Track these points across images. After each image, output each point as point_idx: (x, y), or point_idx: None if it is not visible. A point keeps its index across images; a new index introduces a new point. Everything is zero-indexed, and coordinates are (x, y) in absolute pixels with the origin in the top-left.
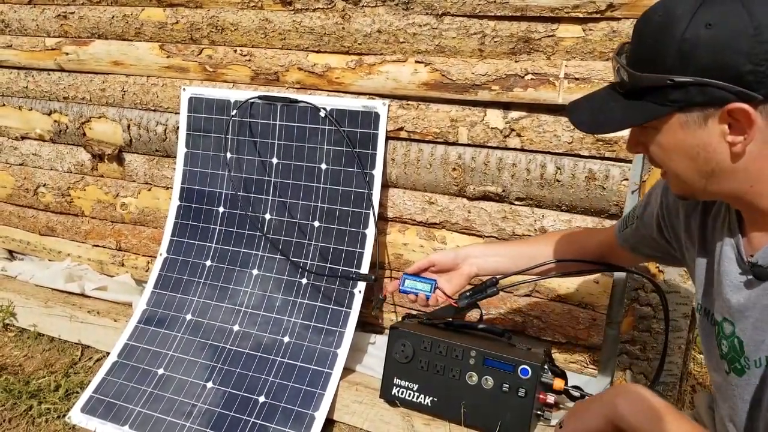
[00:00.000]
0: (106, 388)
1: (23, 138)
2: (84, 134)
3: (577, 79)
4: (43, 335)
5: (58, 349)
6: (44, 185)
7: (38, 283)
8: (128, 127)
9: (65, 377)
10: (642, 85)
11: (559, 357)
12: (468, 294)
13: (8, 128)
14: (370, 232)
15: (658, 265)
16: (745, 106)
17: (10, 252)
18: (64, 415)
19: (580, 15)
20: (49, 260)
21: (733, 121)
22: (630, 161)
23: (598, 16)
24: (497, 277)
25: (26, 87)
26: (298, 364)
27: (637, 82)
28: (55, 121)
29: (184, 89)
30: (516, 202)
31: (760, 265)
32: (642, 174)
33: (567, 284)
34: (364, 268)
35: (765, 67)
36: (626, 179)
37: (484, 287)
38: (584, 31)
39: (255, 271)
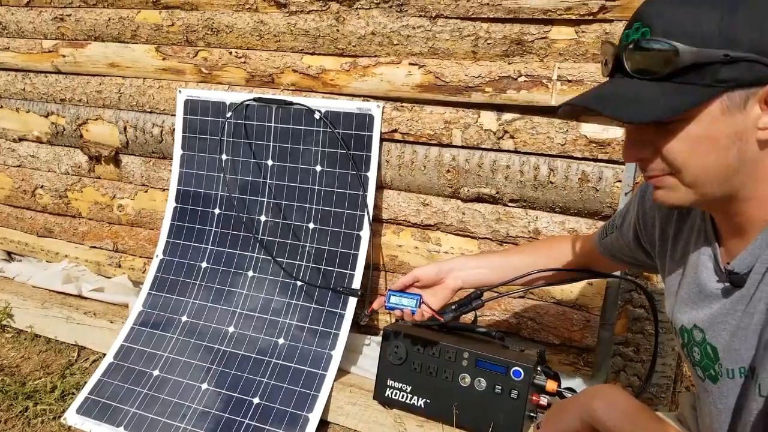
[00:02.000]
0: (101, 390)
1: (21, 140)
2: (81, 136)
3: (569, 81)
4: (40, 336)
5: (55, 350)
6: (42, 186)
7: (36, 284)
8: (125, 128)
9: (61, 378)
10: (685, 63)
11: (553, 358)
12: (453, 308)
13: (6, 130)
14: (365, 233)
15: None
16: None
17: (9, 253)
18: (60, 416)
19: (573, 17)
20: (47, 261)
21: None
22: (623, 163)
23: (591, 18)
24: (482, 289)
25: (24, 89)
26: (293, 365)
27: (680, 60)
28: (53, 122)
29: (179, 91)
30: (510, 204)
31: (737, 272)
32: (635, 175)
33: (561, 286)
34: (359, 270)
35: None
36: (619, 181)
37: (469, 300)
38: (577, 33)
39: (250, 273)
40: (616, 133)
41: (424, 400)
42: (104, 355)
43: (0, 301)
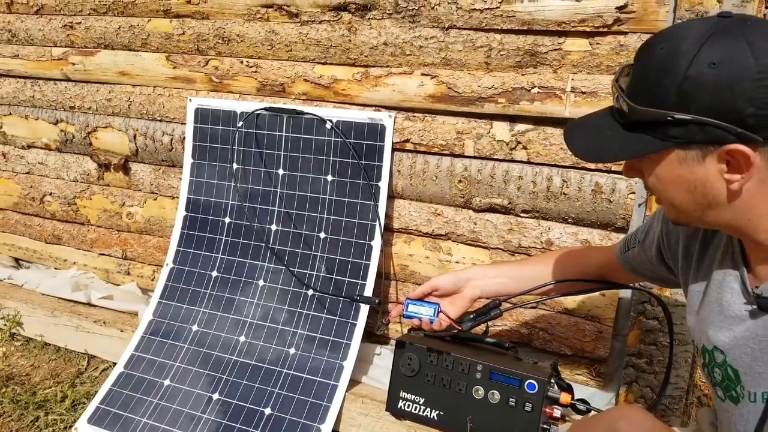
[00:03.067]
0: (112, 400)
1: (30, 147)
2: (90, 144)
3: (584, 92)
4: (50, 345)
5: (65, 359)
6: (50, 194)
7: (45, 291)
8: (134, 136)
9: (71, 387)
10: (641, 118)
11: (565, 369)
12: (471, 317)
13: (15, 137)
14: (376, 243)
15: None
16: (745, 147)
17: (17, 260)
18: (71, 426)
19: (587, 29)
20: (56, 268)
21: (732, 160)
22: None
23: (605, 30)
24: (500, 299)
25: (33, 96)
26: (304, 376)
27: (636, 116)
28: (62, 130)
29: (190, 100)
30: (522, 215)
31: (766, 297)
32: None
33: (573, 297)
34: (371, 280)
35: (766, 111)
36: (633, 192)
37: (487, 310)
38: (591, 44)
39: (261, 282)
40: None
41: (438, 412)
42: (114, 364)
43: (10, 309)
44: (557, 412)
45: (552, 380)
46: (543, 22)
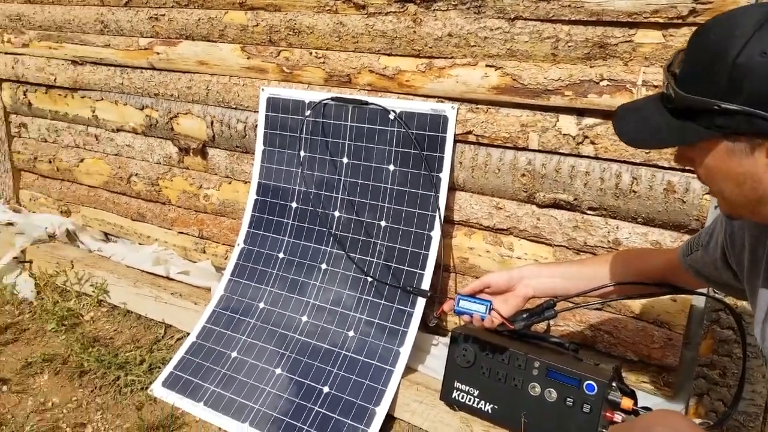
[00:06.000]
0: (185, 366)
1: (119, 130)
2: (172, 129)
3: (655, 86)
4: (132, 312)
5: (144, 326)
6: (136, 174)
7: (129, 264)
8: (212, 123)
9: (149, 352)
10: (688, 106)
11: (630, 376)
12: (524, 316)
13: (106, 121)
14: (436, 234)
15: None
16: None
17: (106, 234)
18: (147, 388)
19: (660, 20)
20: (139, 243)
21: None
22: None
23: (680, 21)
24: (555, 299)
25: (122, 83)
26: (362, 359)
27: (683, 103)
28: (147, 115)
29: (262, 89)
30: (588, 212)
31: None
32: None
33: (641, 300)
34: (429, 271)
35: None
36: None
37: (541, 310)
38: (664, 36)
39: (323, 266)
40: None
41: (492, 405)
42: (188, 334)
43: (98, 278)
44: (618, 417)
45: (613, 384)
46: (613, 13)
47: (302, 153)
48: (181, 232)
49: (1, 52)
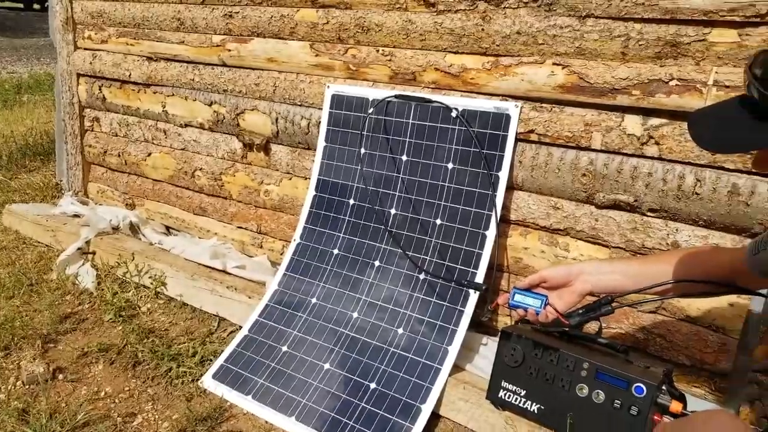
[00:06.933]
0: (235, 359)
1: (186, 125)
2: (238, 125)
3: (727, 86)
4: (187, 305)
5: (199, 319)
6: (200, 169)
7: (187, 257)
8: (276, 120)
9: (202, 345)
10: None
11: (681, 380)
12: (580, 312)
13: (175, 116)
14: (491, 233)
15: None
16: None
17: (167, 228)
18: (198, 379)
19: (737, 19)
20: (199, 237)
21: None
22: None
23: (758, 20)
24: (612, 296)
25: (192, 79)
26: (410, 356)
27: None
28: (215, 111)
29: (328, 86)
30: (648, 214)
31: None
32: None
33: (697, 304)
34: (482, 270)
35: None
36: None
37: (598, 305)
38: (740, 36)
39: (377, 263)
40: None
41: (538, 405)
42: (240, 327)
43: (157, 271)
44: (666, 421)
45: (663, 387)
46: (688, 11)
47: (363, 150)
48: (240, 227)
49: (81, 48)
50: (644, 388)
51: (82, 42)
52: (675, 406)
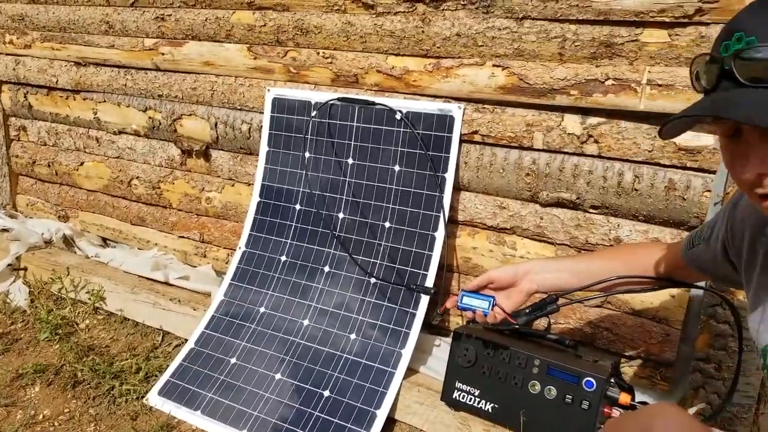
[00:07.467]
0: (182, 374)
1: (120, 132)
2: (175, 130)
3: (660, 85)
4: (129, 320)
5: (141, 334)
6: (137, 178)
7: (127, 269)
8: (216, 124)
9: (146, 360)
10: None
11: (628, 371)
12: (527, 311)
13: (108, 123)
14: (440, 234)
15: None
16: None
17: (104, 239)
18: (143, 397)
19: (667, 19)
20: (139, 249)
21: None
22: (713, 172)
23: (686, 20)
24: (557, 294)
25: (125, 84)
26: (363, 361)
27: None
28: (150, 117)
29: (268, 90)
30: (591, 210)
31: None
32: (726, 186)
33: (641, 297)
34: (432, 271)
35: None
36: (708, 190)
37: (544, 304)
38: (670, 36)
39: (326, 269)
40: (707, 140)
41: (492, 404)
42: (186, 340)
43: (95, 285)
44: (616, 413)
45: (612, 380)
46: (620, 12)
47: (307, 154)
48: (182, 236)
49: (2, 54)
50: (594, 382)
51: (3, 47)
52: (624, 398)
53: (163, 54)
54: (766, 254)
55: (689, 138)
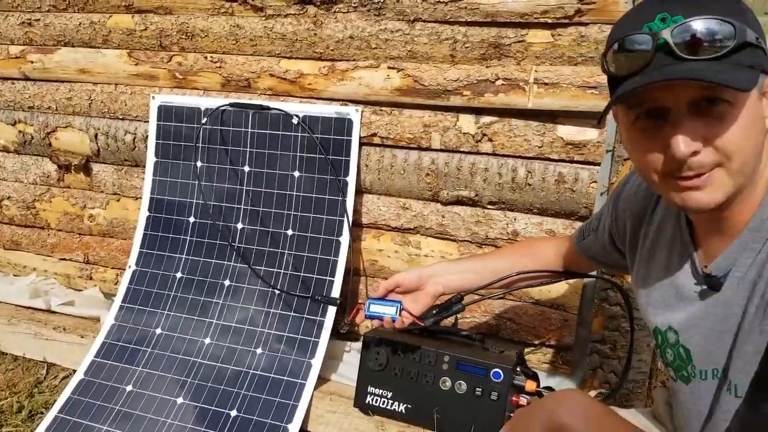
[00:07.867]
0: (72, 408)
1: None
2: (50, 144)
3: (546, 83)
4: (6, 354)
5: (23, 368)
6: (8, 198)
7: (2, 299)
8: (96, 136)
9: (29, 398)
10: (741, 41)
11: (532, 358)
12: (434, 313)
13: None
14: (345, 239)
15: None
16: None
17: None
18: None
19: (549, 20)
20: (14, 275)
21: None
22: (598, 164)
23: (567, 21)
24: (462, 294)
25: None
26: (271, 375)
27: (738, 37)
28: (20, 131)
29: (153, 97)
30: (489, 206)
31: (715, 275)
32: (610, 176)
33: (539, 287)
34: (339, 277)
35: None
36: (595, 182)
37: (450, 305)
38: (553, 36)
39: (227, 282)
40: (592, 134)
41: (405, 405)
42: (75, 371)
43: None
44: (524, 400)
45: (518, 369)
46: (506, 14)
47: (199, 163)
48: (63, 259)
49: None
50: (501, 373)
51: None
52: (530, 385)
53: (32, 62)
54: (645, 242)
55: (574, 133)
